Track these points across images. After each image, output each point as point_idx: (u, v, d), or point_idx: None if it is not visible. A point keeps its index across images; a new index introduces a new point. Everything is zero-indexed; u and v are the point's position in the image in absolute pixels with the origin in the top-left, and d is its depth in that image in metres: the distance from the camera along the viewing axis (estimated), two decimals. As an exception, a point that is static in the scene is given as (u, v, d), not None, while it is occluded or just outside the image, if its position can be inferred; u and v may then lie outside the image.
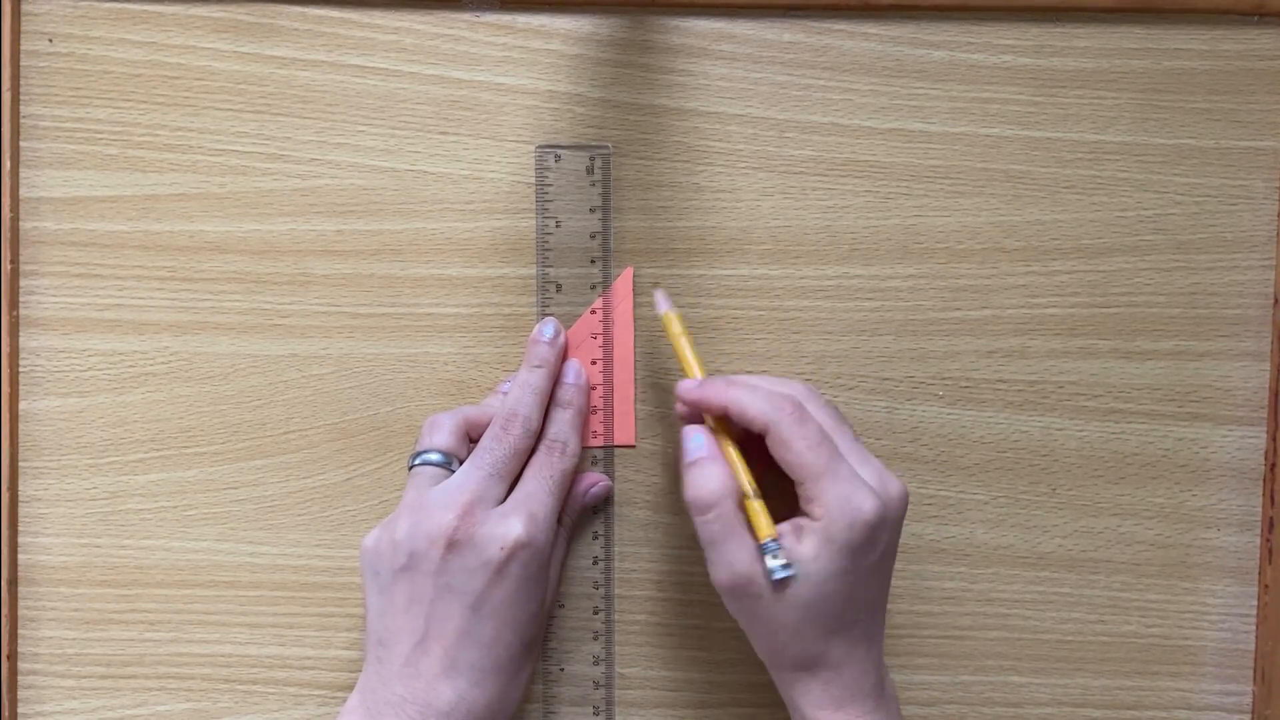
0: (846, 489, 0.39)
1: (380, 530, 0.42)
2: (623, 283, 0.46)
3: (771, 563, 0.38)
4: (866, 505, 0.38)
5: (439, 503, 0.41)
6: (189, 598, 0.47)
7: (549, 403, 0.45)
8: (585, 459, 0.47)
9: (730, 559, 0.39)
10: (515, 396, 0.44)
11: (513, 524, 0.40)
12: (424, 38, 0.46)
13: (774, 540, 0.39)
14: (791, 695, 0.41)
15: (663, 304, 0.44)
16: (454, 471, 0.42)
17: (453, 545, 0.40)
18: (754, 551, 0.39)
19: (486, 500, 0.41)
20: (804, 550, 0.39)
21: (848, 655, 0.40)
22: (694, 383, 0.42)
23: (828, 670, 0.40)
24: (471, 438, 0.44)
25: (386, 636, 0.41)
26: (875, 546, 0.39)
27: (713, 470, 0.40)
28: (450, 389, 0.47)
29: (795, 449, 0.39)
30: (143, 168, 0.46)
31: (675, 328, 0.44)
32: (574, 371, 0.45)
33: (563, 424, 0.44)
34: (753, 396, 0.40)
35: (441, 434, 0.43)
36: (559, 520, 0.44)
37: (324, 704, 0.47)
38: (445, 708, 0.40)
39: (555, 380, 0.45)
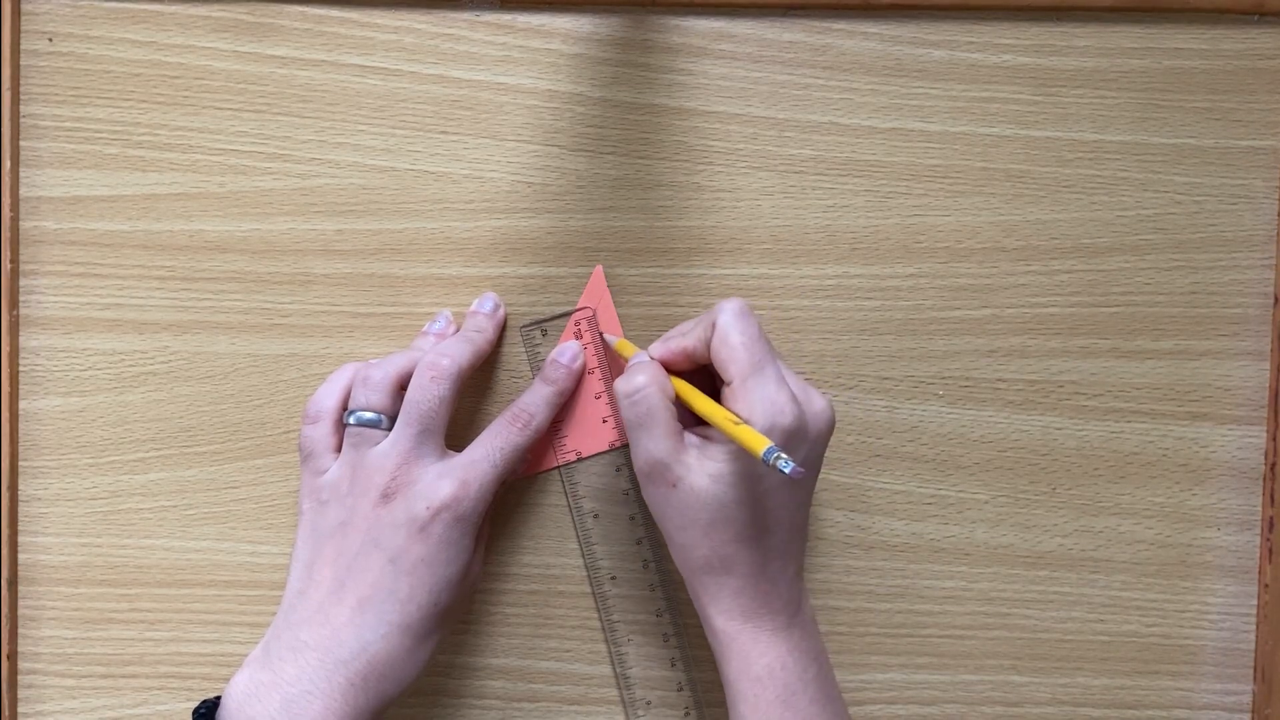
0: (772, 391, 0.39)
1: (327, 491, 0.42)
2: (595, 282, 0.46)
3: (784, 465, 0.35)
4: (787, 410, 0.39)
5: (375, 465, 0.42)
6: (189, 598, 0.47)
7: (536, 379, 0.45)
8: (611, 465, 0.47)
9: (650, 445, 0.40)
10: (437, 345, 0.44)
11: (443, 486, 0.41)
12: (424, 37, 0.46)
13: (771, 448, 0.36)
14: (702, 603, 0.41)
15: (612, 339, 0.46)
16: (387, 430, 0.42)
17: (384, 501, 0.41)
18: (673, 441, 0.40)
19: (419, 456, 0.42)
20: (720, 450, 0.39)
21: (760, 568, 0.40)
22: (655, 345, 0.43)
23: (737, 579, 0.40)
24: (402, 385, 0.43)
25: (307, 587, 0.41)
26: (791, 456, 0.38)
27: (647, 368, 0.41)
28: (450, 389, 0.47)
29: (733, 343, 0.40)
30: (143, 167, 0.46)
31: (626, 350, 0.44)
32: (570, 354, 0.46)
33: (537, 396, 0.45)
34: (703, 316, 0.42)
35: (376, 393, 0.43)
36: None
37: (324, 704, 0.47)
38: (346, 656, 0.39)
39: (487, 342, 0.45)
